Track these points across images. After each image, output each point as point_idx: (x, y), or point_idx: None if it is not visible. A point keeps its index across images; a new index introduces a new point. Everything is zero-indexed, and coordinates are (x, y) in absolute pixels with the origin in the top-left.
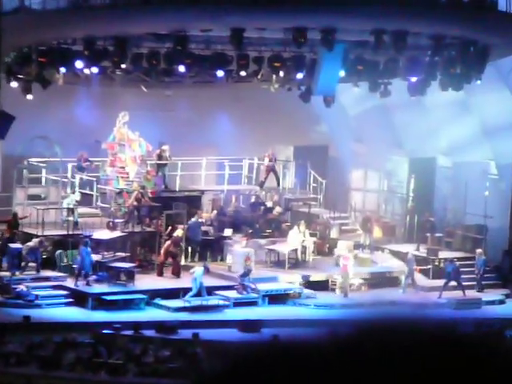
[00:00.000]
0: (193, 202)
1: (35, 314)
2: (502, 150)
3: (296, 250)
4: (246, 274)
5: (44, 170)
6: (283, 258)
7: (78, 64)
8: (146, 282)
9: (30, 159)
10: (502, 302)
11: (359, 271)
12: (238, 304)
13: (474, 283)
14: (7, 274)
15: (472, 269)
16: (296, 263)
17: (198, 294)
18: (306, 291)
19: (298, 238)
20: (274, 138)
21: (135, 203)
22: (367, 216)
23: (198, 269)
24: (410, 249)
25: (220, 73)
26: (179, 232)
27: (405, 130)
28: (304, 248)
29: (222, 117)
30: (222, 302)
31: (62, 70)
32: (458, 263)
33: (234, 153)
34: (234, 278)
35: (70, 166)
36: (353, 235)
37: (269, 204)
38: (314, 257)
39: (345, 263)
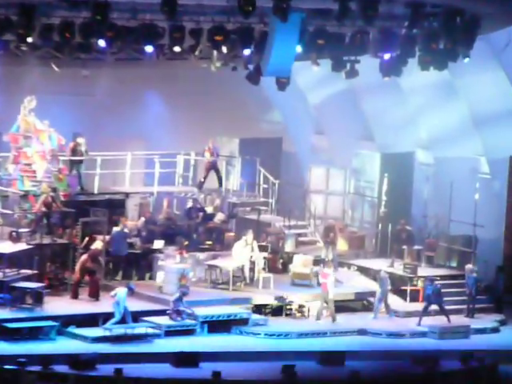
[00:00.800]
0: (115, 207)
1: None
2: (494, 142)
3: (243, 267)
4: (181, 296)
5: None
6: (227, 277)
7: None
8: (58, 305)
9: None
10: (494, 329)
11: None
12: (170, 333)
13: (462, 307)
14: None
15: (458, 289)
16: (243, 282)
17: (122, 321)
18: (255, 317)
19: (245, 252)
20: (215, 129)
21: (44, 209)
22: (330, 224)
23: (122, 290)
24: (382, 265)
25: (149, 48)
26: (98, 244)
27: (376, 119)
28: (252, 264)
29: (151, 102)
30: (151, 331)
31: None
32: (439, 283)
33: (167, 146)
34: (167, 301)
35: None
36: (312, 248)
37: (209, 209)
38: (265, 275)
39: (324, 281)
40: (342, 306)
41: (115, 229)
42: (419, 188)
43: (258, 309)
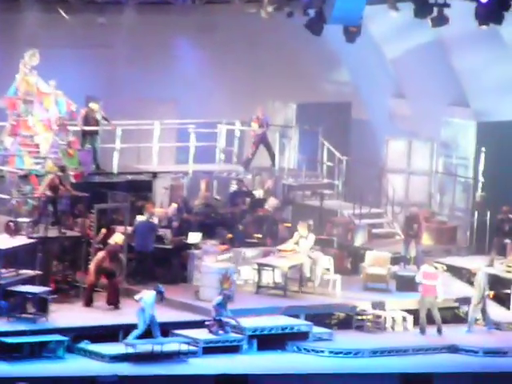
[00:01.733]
0: (140, 190)
1: None
2: None
3: (301, 266)
4: (224, 302)
5: None
6: (282, 279)
7: None
8: (67, 315)
9: None
10: None
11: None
12: (210, 350)
13: None
14: None
15: None
16: (302, 285)
17: (148, 334)
18: (317, 330)
19: (304, 247)
20: (265, 92)
21: (49, 192)
22: (412, 212)
23: (148, 294)
24: (479, 264)
25: None
26: (119, 238)
27: (471, 78)
28: (314, 262)
29: (184, 57)
30: (185, 347)
31: None
32: None
33: (204, 113)
34: (205, 310)
35: None
36: (389, 243)
37: (258, 194)
38: (330, 276)
39: (430, 283)
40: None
41: (139, 218)
42: None
43: (319, 319)
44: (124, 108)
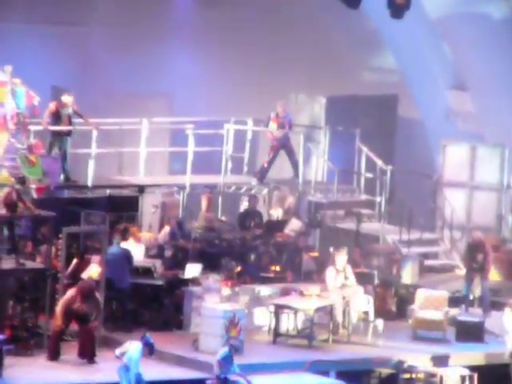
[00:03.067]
0: (122, 208)
1: None
2: None
3: (332, 308)
4: (231, 354)
5: None
6: (307, 324)
7: None
8: (27, 372)
9: None
10: None
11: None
12: None
13: None
14: None
15: None
16: (333, 333)
17: None
18: None
19: (336, 283)
20: (287, 82)
21: (5, 211)
22: (476, 239)
23: (133, 346)
24: None
25: None
26: (94, 271)
27: None
28: (347, 303)
29: (179, 39)
30: None
31: None
32: None
33: (206, 110)
34: (207, 365)
35: None
36: (447, 278)
37: (276, 214)
38: (370, 321)
39: None
40: (494, 375)
41: (116, 244)
42: None
43: (356, 377)
44: (101, 103)
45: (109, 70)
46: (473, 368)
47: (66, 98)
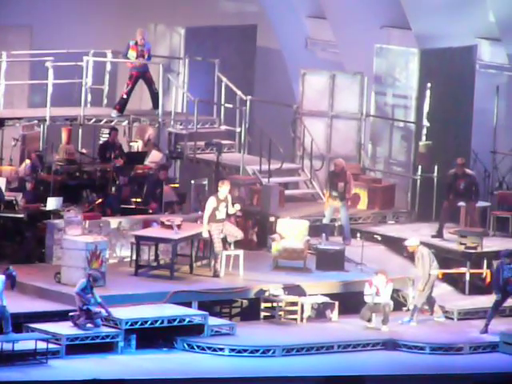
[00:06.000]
0: None
1: None
2: None
3: (194, 238)
4: (90, 284)
5: None
6: (169, 255)
7: None
8: None
9: None
10: None
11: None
12: (76, 349)
13: None
14: None
15: None
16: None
17: None
18: (215, 322)
19: (220, 214)
20: (145, 12)
21: None
22: (337, 168)
23: None
24: (423, 234)
25: None
26: None
27: None
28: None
29: None
30: (43, 346)
31: None
32: None
33: (65, 42)
34: (69, 297)
35: None
36: (307, 207)
37: (136, 146)
38: (230, 252)
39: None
40: (353, 303)
41: None
42: (484, 106)
43: (217, 308)
44: None
45: None
46: (333, 296)
47: None
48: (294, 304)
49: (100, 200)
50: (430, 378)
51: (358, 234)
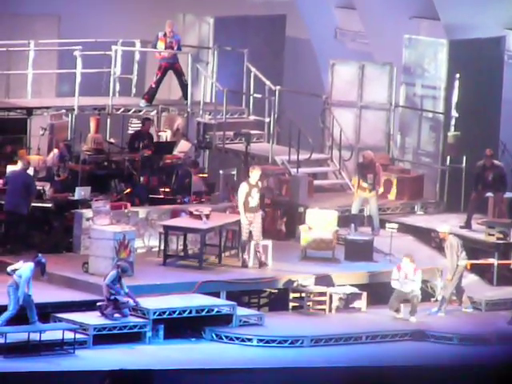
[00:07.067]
0: (9, 131)
1: None
2: None
3: (222, 229)
4: (119, 276)
5: None
6: (197, 246)
7: None
8: None
9: None
10: None
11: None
12: (103, 339)
13: None
14: None
15: None
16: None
17: (22, 319)
18: (243, 312)
19: (253, 202)
20: (174, 2)
21: None
22: (366, 159)
23: (25, 266)
24: (452, 225)
25: None
26: None
27: None
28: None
29: None
30: (70, 336)
31: None
32: None
33: (94, 32)
34: (97, 287)
35: None
36: (336, 197)
37: (165, 136)
38: (259, 242)
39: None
40: (382, 294)
41: (10, 168)
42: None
43: (246, 298)
44: None
45: None
46: (362, 286)
47: None
48: (323, 294)
49: (128, 190)
50: (457, 369)
51: (395, 226)
